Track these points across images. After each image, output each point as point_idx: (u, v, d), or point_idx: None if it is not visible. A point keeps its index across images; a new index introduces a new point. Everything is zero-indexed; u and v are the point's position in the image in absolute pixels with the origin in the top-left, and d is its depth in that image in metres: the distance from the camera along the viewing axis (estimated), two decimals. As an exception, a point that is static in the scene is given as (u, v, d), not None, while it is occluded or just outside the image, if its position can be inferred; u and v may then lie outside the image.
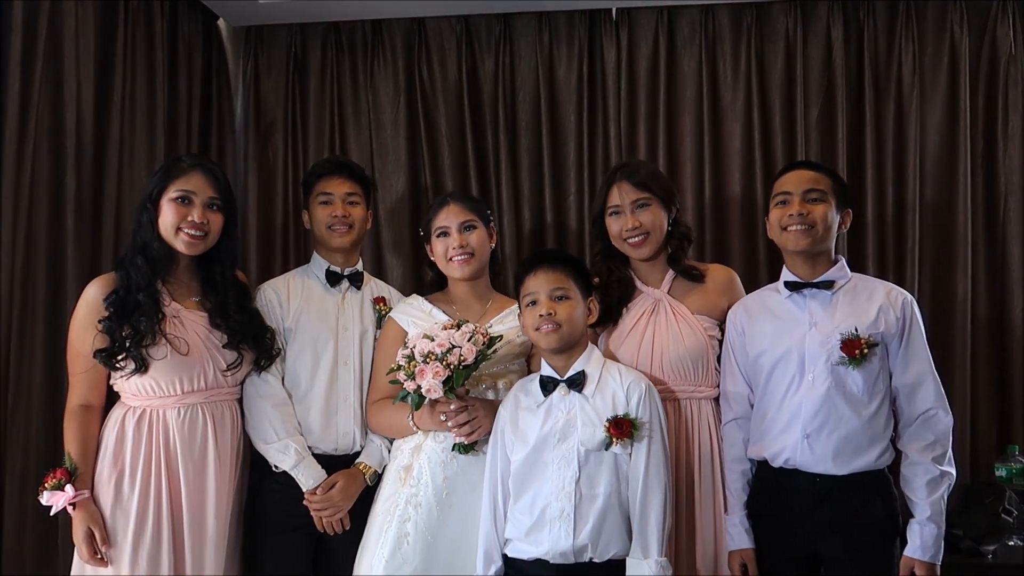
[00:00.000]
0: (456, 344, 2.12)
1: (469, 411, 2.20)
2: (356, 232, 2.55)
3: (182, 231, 2.25)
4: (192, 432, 2.24)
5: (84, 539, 2.13)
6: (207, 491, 2.25)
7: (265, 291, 2.51)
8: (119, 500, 2.18)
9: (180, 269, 2.32)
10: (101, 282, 2.26)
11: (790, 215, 2.21)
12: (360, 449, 2.46)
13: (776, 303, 2.29)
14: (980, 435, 3.24)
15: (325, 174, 2.55)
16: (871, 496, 2.15)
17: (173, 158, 2.40)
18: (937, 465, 2.16)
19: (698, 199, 3.34)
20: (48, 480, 2.13)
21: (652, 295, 2.41)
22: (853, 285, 2.25)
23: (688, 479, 2.32)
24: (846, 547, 2.14)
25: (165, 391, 2.23)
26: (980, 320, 3.26)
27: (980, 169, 3.28)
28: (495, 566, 2.13)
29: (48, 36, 2.57)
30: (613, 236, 2.43)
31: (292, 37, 3.48)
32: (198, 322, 2.30)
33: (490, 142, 3.42)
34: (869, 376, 2.15)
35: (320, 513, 2.37)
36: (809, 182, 2.24)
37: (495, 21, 3.42)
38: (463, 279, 2.42)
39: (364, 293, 2.57)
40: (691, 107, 3.36)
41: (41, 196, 2.56)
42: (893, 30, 3.30)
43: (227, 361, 2.30)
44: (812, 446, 2.15)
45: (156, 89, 3.05)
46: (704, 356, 2.35)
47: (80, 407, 2.21)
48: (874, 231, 3.27)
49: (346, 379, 2.46)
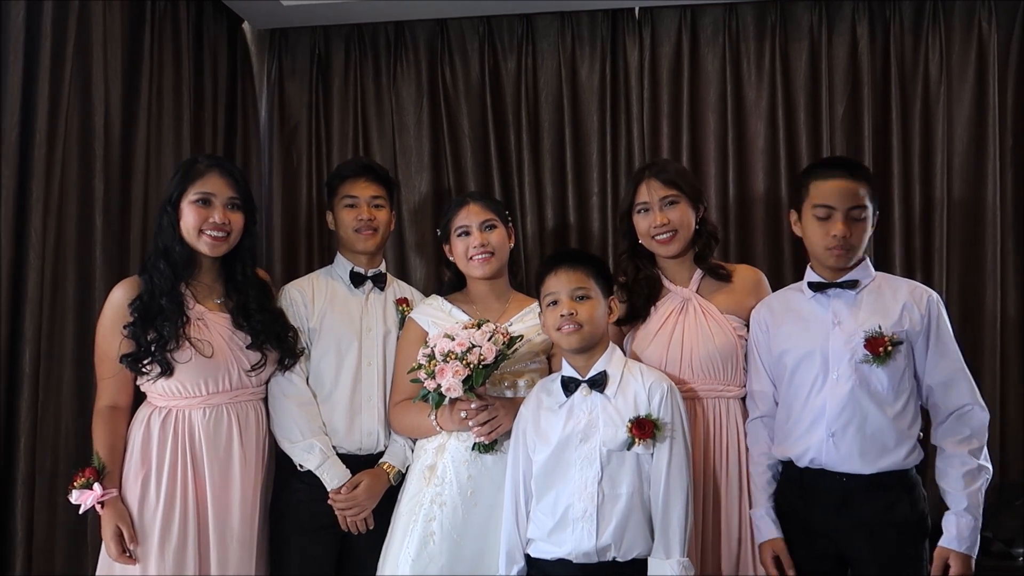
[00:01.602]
0: (476, 343, 2.13)
1: (489, 410, 2.21)
2: (381, 235, 2.57)
3: (204, 233, 2.27)
4: (217, 432, 2.27)
5: (113, 537, 2.15)
6: (232, 490, 2.27)
7: (290, 291, 2.53)
8: (146, 499, 2.21)
9: (203, 271, 2.34)
10: (126, 286, 2.29)
11: (834, 236, 2.15)
12: (384, 449, 2.47)
13: (800, 303, 2.27)
14: (1010, 436, 3.19)
15: (350, 176, 2.57)
16: (899, 496, 2.13)
17: (189, 160, 2.42)
18: (974, 458, 2.13)
19: (722, 198, 3.32)
20: (77, 479, 2.15)
21: (681, 294, 2.41)
22: (877, 284, 2.23)
23: (714, 479, 2.31)
24: (872, 548, 2.12)
25: (191, 392, 2.25)
26: (1009, 319, 3.21)
27: (1009, 167, 3.23)
28: (517, 566, 2.14)
29: (77, 40, 2.60)
30: (641, 233, 2.42)
31: (316, 39, 3.51)
32: (222, 324, 2.32)
33: (513, 143, 3.42)
34: (894, 374, 2.13)
35: (344, 512, 2.39)
36: (853, 198, 2.16)
37: (517, 21, 3.43)
38: (483, 278, 2.43)
39: (387, 294, 2.59)
40: (715, 106, 3.34)
41: (71, 199, 2.59)
42: (920, 26, 3.26)
43: (251, 362, 2.32)
44: (837, 445, 2.13)
45: (182, 92, 3.08)
46: (734, 355, 2.35)
47: (108, 408, 2.25)
48: (901, 229, 3.24)
49: (370, 379, 2.47)
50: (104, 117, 2.70)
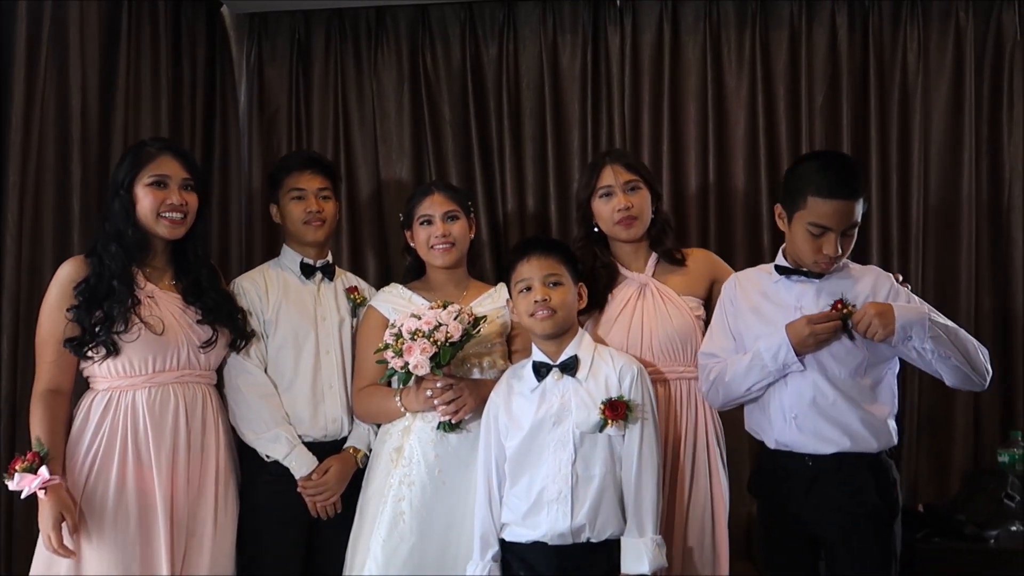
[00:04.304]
0: (443, 322, 2.17)
1: (454, 389, 2.24)
2: (329, 226, 2.60)
3: (162, 216, 2.25)
4: (163, 413, 2.20)
5: (54, 526, 2.03)
6: (178, 475, 2.20)
7: (241, 283, 2.53)
8: (87, 486, 2.13)
9: (155, 255, 2.32)
10: (74, 264, 2.23)
11: (827, 254, 2.12)
12: (347, 434, 2.49)
13: (767, 284, 2.28)
14: (983, 422, 3.25)
15: (296, 169, 2.58)
16: (866, 480, 2.15)
17: (138, 144, 2.37)
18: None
19: (702, 186, 3.34)
20: (18, 462, 2.05)
21: (637, 279, 2.44)
22: (843, 272, 2.24)
23: (677, 459, 2.34)
24: (842, 530, 2.15)
25: (137, 371, 2.20)
26: (984, 307, 3.26)
27: (985, 156, 3.27)
28: (492, 550, 2.15)
29: (52, 23, 2.58)
30: (603, 218, 2.44)
31: (296, 24, 3.48)
32: (172, 302, 2.29)
33: (494, 129, 3.42)
34: (852, 357, 2.14)
35: (315, 498, 2.40)
36: (850, 217, 2.10)
37: (499, 8, 3.42)
38: (443, 267, 2.47)
39: (337, 284, 2.62)
40: (695, 94, 3.35)
41: (47, 183, 2.58)
42: (898, 16, 3.29)
43: (201, 339, 2.29)
44: (800, 427, 2.16)
45: (160, 76, 3.06)
46: (692, 336, 2.38)
47: (49, 391, 2.16)
48: (878, 217, 3.26)
49: (329, 367, 2.49)
50: (81, 101, 2.68)
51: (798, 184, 2.15)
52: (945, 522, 2.91)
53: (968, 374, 2.11)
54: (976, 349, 2.12)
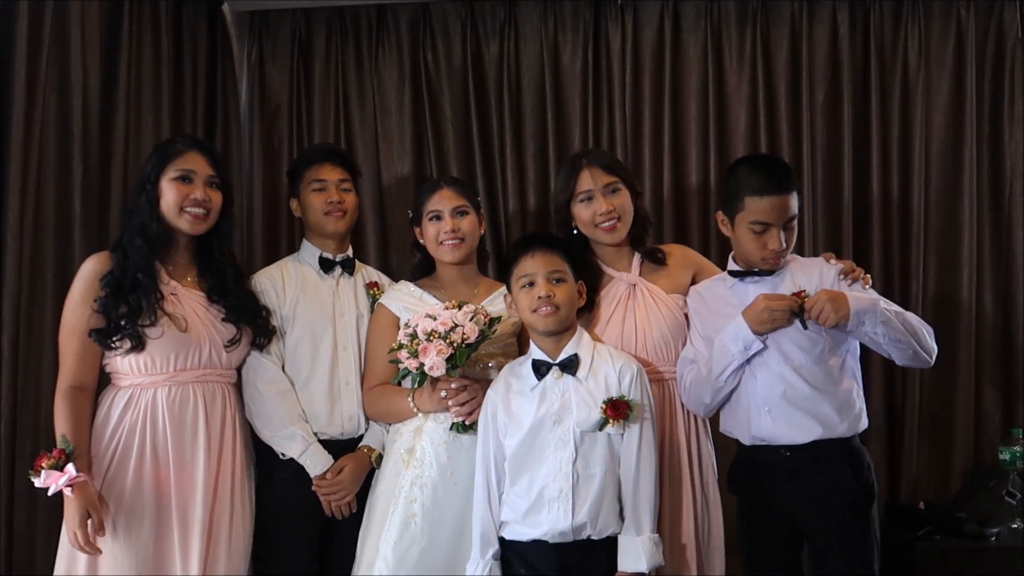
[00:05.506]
0: (458, 323, 2.15)
1: (469, 390, 2.23)
2: (349, 218, 2.58)
3: (185, 210, 2.25)
4: (183, 412, 2.21)
5: (81, 524, 2.04)
6: (197, 474, 2.20)
7: (260, 280, 2.51)
8: (104, 481, 2.14)
9: (178, 250, 2.32)
10: (98, 259, 2.25)
11: (772, 249, 2.20)
12: (364, 432, 2.48)
13: (723, 290, 2.33)
14: (984, 419, 3.25)
15: (317, 161, 2.58)
16: (841, 467, 2.18)
17: (167, 140, 2.40)
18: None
19: (703, 184, 3.34)
20: (44, 460, 2.05)
21: (625, 279, 2.42)
22: (792, 267, 2.29)
23: (672, 456, 2.34)
24: (823, 520, 2.18)
25: (159, 368, 2.20)
26: (985, 305, 3.27)
27: (986, 153, 3.28)
28: (492, 549, 2.15)
29: (54, 21, 2.58)
30: (584, 223, 2.41)
31: (297, 22, 3.48)
32: (196, 300, 2.29)
33: (495, 127, 3.42)
34: (812, 345, 2.18)
35: (329, 497, 2.39)
36: (787, 211, 2.20)
37: (499, 5, 3.42)
38: (452, 263, 2.45)
39: (356, 279, 2.60)
40: (696, 92, 3.35)
41: (48, 180, 2.58)
42: (899, 14, 3.29)
43: (225, 338, 2.29)
44: (774, 419, 2.20)
45: (162, 74, 3.06)
46: (684, 335, 2.39)
47: (73, 388, 2.17)
48: (879, 215, 3.27)
49: (347, 363, 2.47)
50: (82, 99, 2.68)
51: (734, 188, 2.26)
52: (946, 520, 2.92)
53: (918, 352, 2.19)
54: (924, 331, 2.20)
